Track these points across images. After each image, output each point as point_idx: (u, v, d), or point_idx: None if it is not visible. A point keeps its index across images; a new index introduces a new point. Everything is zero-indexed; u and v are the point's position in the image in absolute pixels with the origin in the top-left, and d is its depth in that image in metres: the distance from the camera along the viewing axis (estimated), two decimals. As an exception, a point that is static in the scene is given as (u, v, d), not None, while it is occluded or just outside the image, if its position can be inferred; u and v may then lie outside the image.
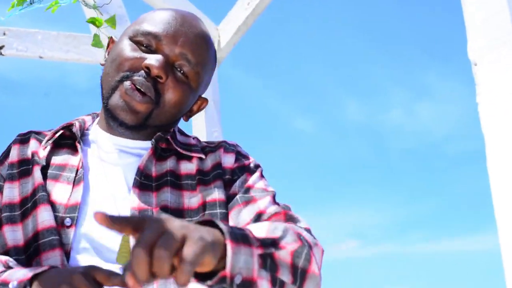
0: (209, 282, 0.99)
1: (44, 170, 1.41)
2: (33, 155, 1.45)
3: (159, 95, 1.38)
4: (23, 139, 1.50)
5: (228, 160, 1.49)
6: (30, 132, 1.52)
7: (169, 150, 1.48)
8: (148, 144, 1.47)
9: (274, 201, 1.41)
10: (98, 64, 3.00)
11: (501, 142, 1.48)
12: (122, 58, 1.39)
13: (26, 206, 1.36)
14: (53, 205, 1.34)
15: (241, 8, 3.06)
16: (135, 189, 1.36)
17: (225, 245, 0.99)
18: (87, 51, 3.03)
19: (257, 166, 1.50)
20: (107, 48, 1.55)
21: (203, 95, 1.56)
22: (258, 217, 1.36)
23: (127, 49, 1.41)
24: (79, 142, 1.44)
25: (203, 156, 1.48)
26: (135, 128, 1.41)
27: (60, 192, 1.36)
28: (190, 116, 1.56)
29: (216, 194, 1.41)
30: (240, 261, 1.00)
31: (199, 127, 3.15)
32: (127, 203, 1.35)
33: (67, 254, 1.28)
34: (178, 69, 1.41)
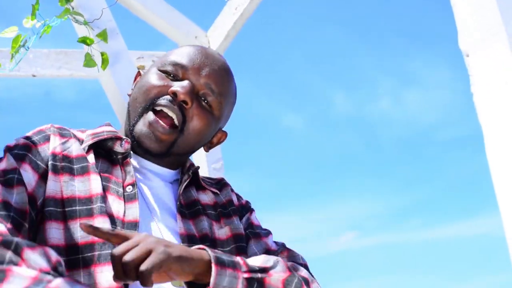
0: None
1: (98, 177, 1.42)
2: (80, 157, 1.44)
3: (184, 121, 1.46)
4: (63, 133, 1.49)
5: (235, 199, 1.63)
6: (65, 129, 1.52)
7: (193, 183, 1.58)
8: (171, 172, 1.55)
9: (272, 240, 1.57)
10: (90, 79, 3.01)
11: (498, 130, 1.51)
12: (150, 85, 1.48)
13: (74, 208, 1.35)
14: (109, 218, 1.35)
15: (228, 13, 3.08)
16: (178, 215, 1.45)
17: (209, 265, 1.22)
18: (79, 66, 3.05)
19: (251, 207, 1.66)
20: (134, 80, 1.64)
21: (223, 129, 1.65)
22: (266, 253, 1.50)
23: (155, 78, 1.49)
24: (129, 158, 1.48)
25: (218, 192, 1.61)
26: (159, 156, 1.49)
27: (114, 205, 1.38)
28: (210, 148, 1.64)
29: (241, 228, 1.54)
30: (223, 281, 1.22)
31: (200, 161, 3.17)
32: (173, 227, 1.44)
33: None
34: (202, 98, 1.49)
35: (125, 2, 2.93)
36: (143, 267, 1.09)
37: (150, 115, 1.45)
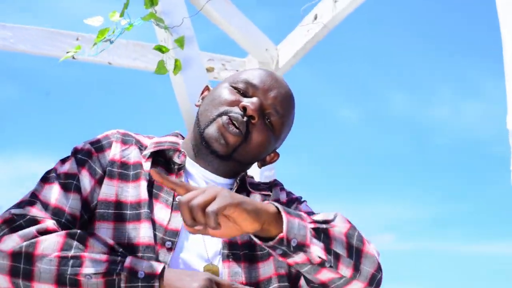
0: (270, 243, 1.31)
1: (150, 187, 1.55)
2: (137, 164, 1.59)
3: (248, 132, 1.60)
4: (125, 140, 1.64)
5: (283, 196, 1.72)
6: (129, 135, 1.67)
7: (241, 189, 1.66)
8: (226, 181, 1.66)
9: None
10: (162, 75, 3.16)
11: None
12: (222, 98, 1.63)
13: (125, 212, 1.51)
14: (153, 224, 1.50)
15: (300, 34, 3.19)
16: None
17: (276, 216, 1.32)
18: (152, 60, 3.21)
19: (302, 199, 1.74)
20: (201, 93, 1.78)
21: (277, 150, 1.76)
22: None
23: (227, 92, 1.64)
24: (183, 170, 1.61)
25: (270, 193, 1.70)
26: (223, 158, 1.62)
27: (161, 213, 1.52)
28: (263, 165, 1.77)
29: None
30: (294, 228, 1.32)
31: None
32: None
33: None
34: (266, 117, 1.63)
35: (206, 11, 3.07)
36: (209, 208, 1.20)
37: (224, 119, 1.59)
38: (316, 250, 1.35)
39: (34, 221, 1.40)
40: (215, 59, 3.47)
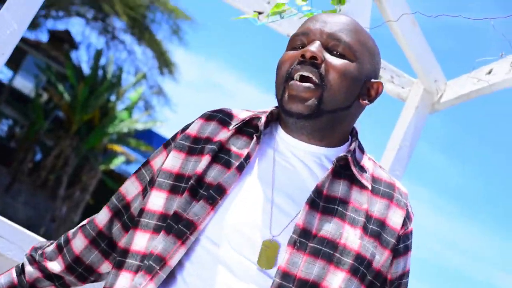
0: None
1: (216, 152, 1.50)
2: (208, 138, 1.54)
3: (322, 77, 1.45)
4: (210, 116, 1.59)
5: (396, 220, 1.49)
6: (220, 111, 1.60)
7: (345, 169, 1.50)
8: (322, 150, 1.51)
9: None
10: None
11: None
12: (281, 62, 1.51)
13: (180, 185, 1.48)
14: (203, 185, 1.46)
15: (469, 81, 3.16)
16: (306, 206, 1.43)
17: None
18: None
19: (411, 241, 1.54)
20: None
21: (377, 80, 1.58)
22: None
23: (285, 55, 1.52)
24: (258, 136, 1.51)
25: (370, 187, 1.49)
26: (311, 117, 1.46)
27: (217, 173, 1.47)
28: (371, 101, 1.57)
29: (370, 251, 1.43)
30: None
31: (385, 164, 3.35)
32: (289, 213, 1.44)
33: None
34: (333, 51, 1.49)
35: (390, 24, 3.11)
36: None
37: (291, 82, 1.46)
38: None
39: None
40: (387, 68, 3.48)
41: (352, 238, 1.41)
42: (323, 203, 1.44)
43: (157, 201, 1.48)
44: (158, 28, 21.82)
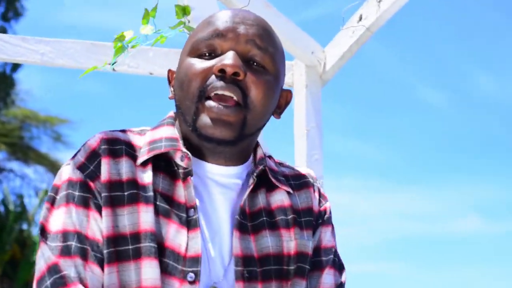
0: None
1: (155, 201, 1.26)
2: (131, 180, 1.27)
3: (245, 95, 1.27)
4: (114, 150, 1.30)
5: (315, 203, 1.42)
6: (117, 140, 1.32)
7: (261, 179, 1.36)
8: (239, 169, 1.35)
9: (334, 267, 1.40)
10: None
11: None
12: (190, 76, 1.29)
13: (123, 248, 1.22)
14: (170, 253, 1.22)
15: (345, 36, 3.04)
16: (236, 232, 1.28)
17: None
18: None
19: (330, 214, 1.45)
20: (170, 83, 1.44)
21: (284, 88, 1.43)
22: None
23: (191, 66, 1.30)
24: (187, 173, 1.28)
25: (291, 191, 1.39)
26: (234, 142, 1.29)
27: (176, 236, 1.24)
28: (280, 113, 1.42)
29: (309, 247, 1.36)
30: None
31: (300, 150, 3.18)
32: (228, 248, 1.28)
33: None
34: (251, 62, 1.30)
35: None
36: None
37: (210, 103, 1.26)
38: None
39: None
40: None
41: (291, 242, 1.33)
42: (250, 222, 1.31)
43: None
44: (39, 143, 21.43)
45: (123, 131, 1.36)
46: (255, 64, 1.30)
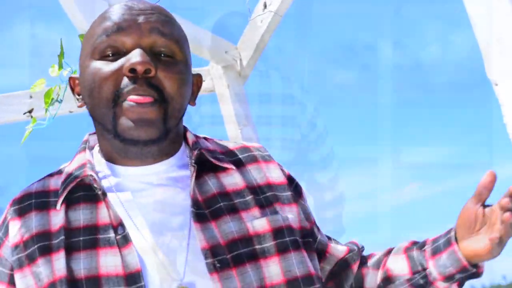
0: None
1: (69, 239, 1.20)
2: (41, 233, 1.22)
3: (160, 91, 1.20)
4: (22, 209, 1.26)
5: (276, 174, 1.35)
6: (27, 195, 1.28)
7: (201, 164, 1.29)
8: (172, 161, 1.29)
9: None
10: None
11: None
12: (99, 82, 1.21)
13: None
14: (108, 280, 1.16)
15: (254, 27, 3.06)
16: (196, 224, 1.21)
17: None
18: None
19: (297, 182, 1.40)
20: (73, 91, 1.34)
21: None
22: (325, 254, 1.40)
23: (98, 70, 1.22)
24: (103, 193, 1.23)
25: (234, 168, 1.32)
26: (160, 139, 1.23)
27: (108, 260, 1.18)
28: (195, 99, 1.35)
29: (284, 221, 1.28)
30: None
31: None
32: (192, 243, 1.20)
33: None
34: (160, 54, 1.23)
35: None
36: None
37: (125, 105, 1.19)
38: None
39: None
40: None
41: (257, 221, 1.24)
42: (207, 209, 1.23)
43: None
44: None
45: (43, 178, 1.31)
46: (163, 55, 1.23)
